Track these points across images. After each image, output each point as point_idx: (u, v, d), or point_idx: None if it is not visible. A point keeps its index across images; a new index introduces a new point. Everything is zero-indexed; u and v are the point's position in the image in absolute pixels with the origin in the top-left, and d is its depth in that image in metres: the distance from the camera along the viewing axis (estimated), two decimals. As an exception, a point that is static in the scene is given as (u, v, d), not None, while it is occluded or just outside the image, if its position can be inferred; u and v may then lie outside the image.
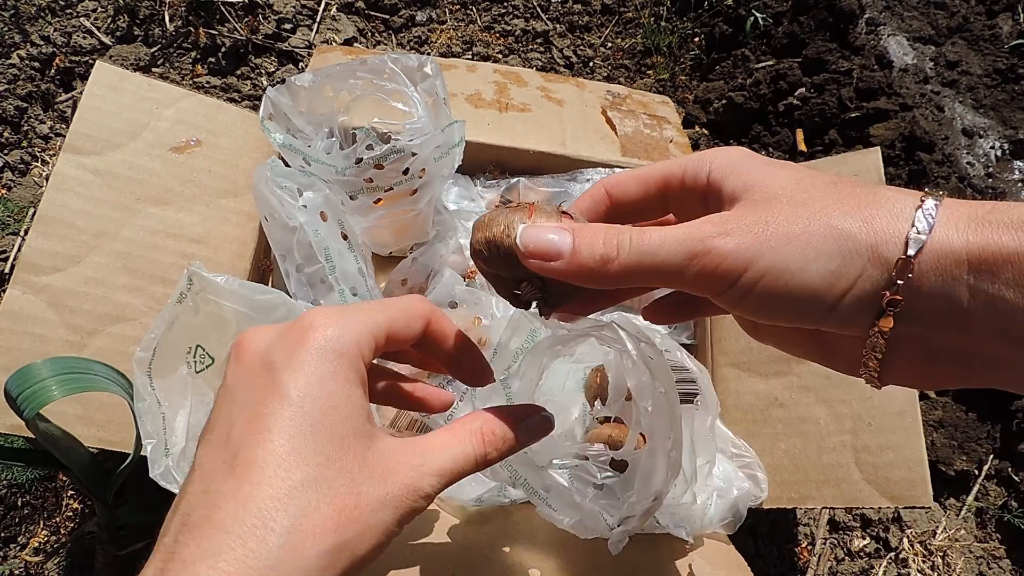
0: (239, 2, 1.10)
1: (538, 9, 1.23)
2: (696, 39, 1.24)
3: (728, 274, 0.28)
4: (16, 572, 0.79)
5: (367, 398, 0.29)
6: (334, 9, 1.16)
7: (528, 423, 0.34)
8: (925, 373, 0.28)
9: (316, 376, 0.27)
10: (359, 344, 0.29)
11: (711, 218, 0.29)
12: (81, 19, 1.09)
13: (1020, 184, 1.13)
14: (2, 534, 0.82)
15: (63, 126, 1.04)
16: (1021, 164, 1.15)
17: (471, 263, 0.74)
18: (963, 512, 0.94)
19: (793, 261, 0.27)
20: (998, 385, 0.27)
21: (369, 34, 1.17)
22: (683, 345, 0.75)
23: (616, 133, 0.87)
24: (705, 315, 0.37)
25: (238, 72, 1.09)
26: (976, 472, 0.95)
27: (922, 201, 0.26)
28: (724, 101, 1.16)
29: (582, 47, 1.23)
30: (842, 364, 0.31)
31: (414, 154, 0.61)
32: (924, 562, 0.89)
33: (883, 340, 0.27)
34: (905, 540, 0.90)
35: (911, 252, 0.25)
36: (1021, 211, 0.25)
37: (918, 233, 0.25)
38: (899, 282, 0.26)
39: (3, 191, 0.98)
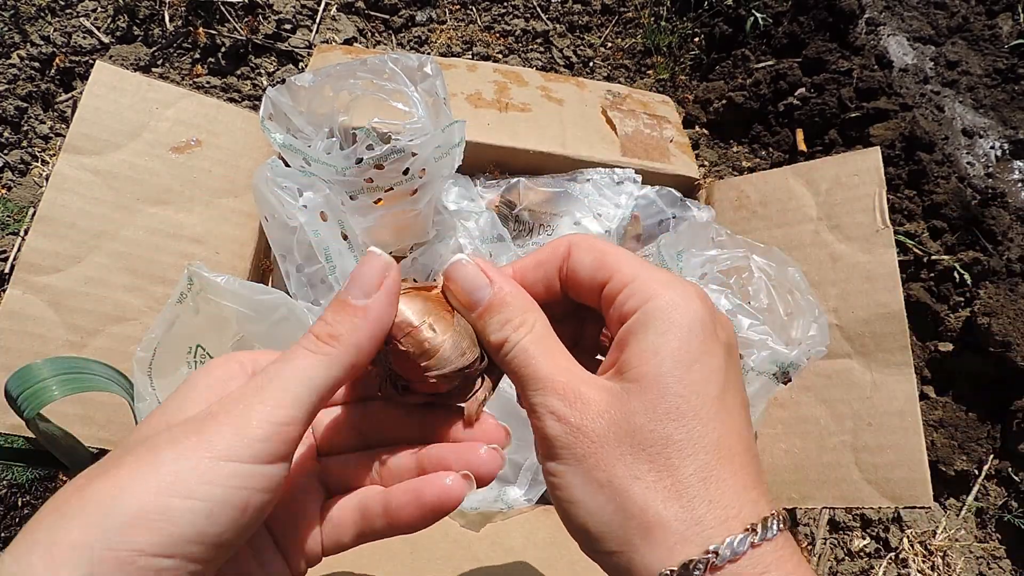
0: (239, 2, 1.10)
1: (538, 9, 1.23)
2: (696, 39, 1.24)
3: (542, 448, 0.28)
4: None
5: None
6: (334, 9, 1.16)
7: (356, 280, 0.28)
8: None
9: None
10: None
11: (572, 389, 0.27)
12: (81, 19, 1.09)
13: (1020, 184, 1.13)
14: (2, 534, 0.82)
15: (63, 126, 1.04)
16: (1021, 164, 1.15)
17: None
18: (963, 512, 0.94)
19: (574, 494, 0.27)
20: None
21: (369, 34, 1.17)
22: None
23: (616, 133, 0.87)
24: None
25: (238, 72, 1.09)
26: (976, 472, 0.95)
27: (706, 552, 0.25)
28: (724, 101, 1.16)
29: (582, 47, 1.23)
30: None
31: (414, 154, 0.61)
32: (924, 562, 0.89)
33: None
34: (905, 540, 0.90)
35: None
36: None
37: None
38: None
39: (3, 191, 0.98)
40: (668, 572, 0.25)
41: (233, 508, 0.24)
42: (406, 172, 0.63)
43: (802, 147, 1.11)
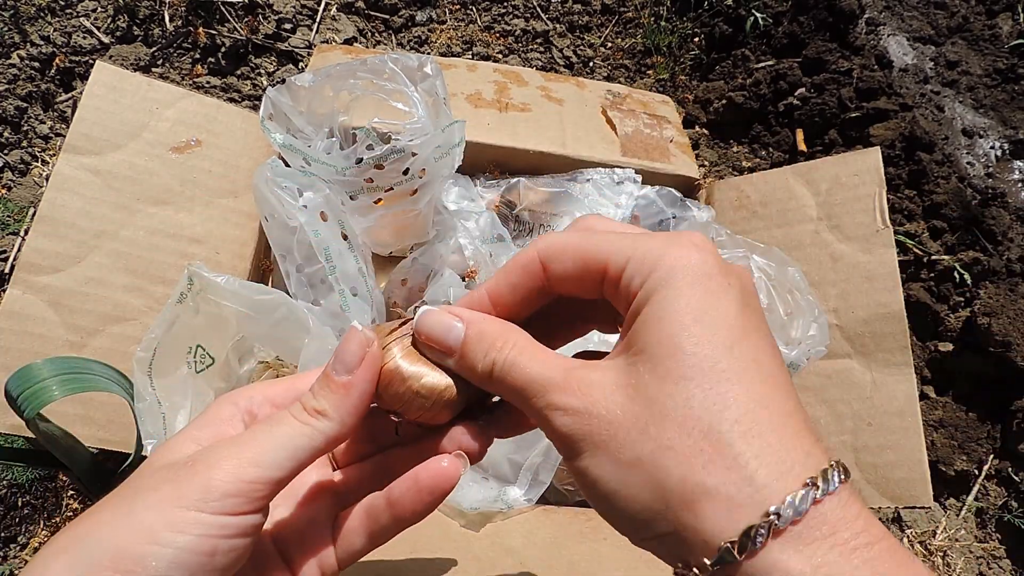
0: (239, 2, 1.10)
1: (538, 9, 1.23)
2: (696, 39, 1.24)
3: (562, 451, 0.26)
4: (16, 572, 0.79)
5: None
6: (334, 9, 1.16)
7: (339, 357, 0.29)
8: None
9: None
10: None
11: (573, 382, 0.26)
12: (81, 19, 1.09)
13: (1020, 184, 1.13)
14: (2, 534, 0.82)
15: (63, 126, 1.04)
16: (1021, 164, 1.15)
17: (471, 262, 0.74)
18: (963, 512, 0.94)
19: (606, 484, 0.25)
20: None
21: (369, 34, 1.17)
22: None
23: (616, 133, 0.87)
24: None
25: (238, 72, 1.09)
26: (976, 472, 0.95)
27: (767, 515, 0.22)
28: (724, 101, 1.16)
29: (582, 47, 1.23)
30: None
31: (414, 154, 0.61)
32: (924, 562, 0.89)
33: None
34: (905, 540, 0.90)
35: (712, 563, 0.22)
36: None
37: (734, 551, 0.22)
38: (695, 573, 0.23)
39: (3, 191, 0.98)
40: (728, 544, 0.22)
41: (200, 554, 0.25)
42: (406, 172, 0.63)
43: (802, 147, 1.11)
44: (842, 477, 0.23)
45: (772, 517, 0.22)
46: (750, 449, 0.22)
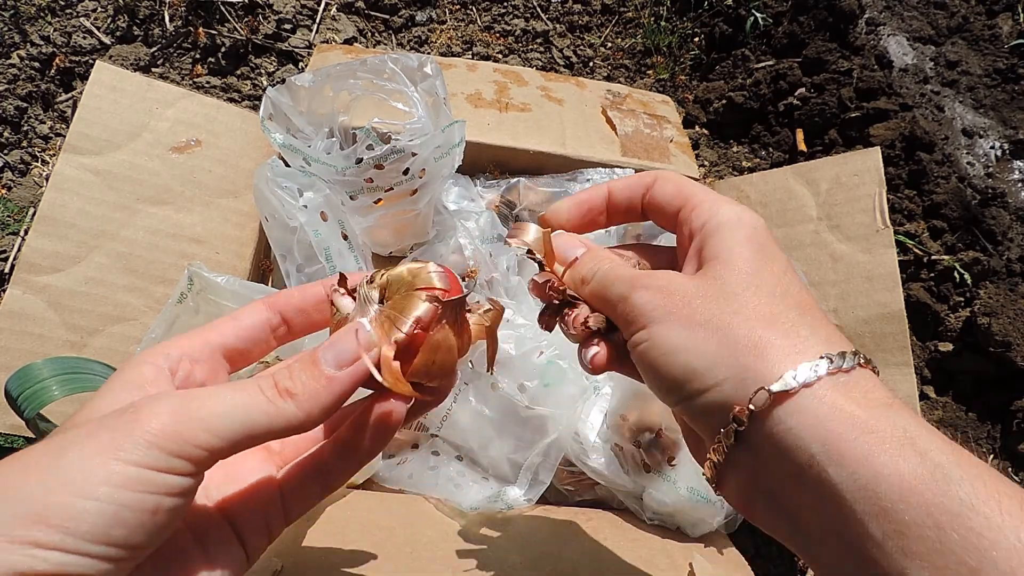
0: (239, 2, 1.10)
1: (538, 9, 1.23)
2: (696, 39, 1.24)
3: (631, 324, 0.31)
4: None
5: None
6: (334, 9, 1.16)
7: (335, 346, 0.28)
8: (744, 504, 0.29)
9: None
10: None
11: (658, 273, 0.31)
12: (81, 19, 1.09)
13: (1020, 184, 1.13)
14: (2, 534, 0.81)
15: (63, 126, 1.04)
16: (1021, 164, 1.14)
17: (471, 262, 0.74)
18: (963, 512, 0.94)
19: (671, 342, 0.29)
20: (800, 556, 0.28)
21: (369, 34, 1.17)
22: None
23: (616, 133, 0.87)
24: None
25: (238, 72, 1.09)
26: (976, 472, 0.95)
27: (821, 357, 0.26)
28: (724, 101, 1.15)
29: (582, 47, 1.23)
30: (699, 460, 0.33)
31: (414, 154, 0.61)
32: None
33: (724, 447, 0.28)
34: (905, 540, 0.90)
35: (774, 388, 0.26)
36: (917, 430, 0.25)
37: (794, 379, 0.26)
38: (751, 407, 0.26)
39: (3, 191, 0.98)
40: (793, 372, 0.26)
41: (141, 512, 0.23)
42: (406, 172, 0.63)
43: (802, 147, 1.11)
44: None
45: (825, 360, 0.26)
46: (803, 320, 0.28)
